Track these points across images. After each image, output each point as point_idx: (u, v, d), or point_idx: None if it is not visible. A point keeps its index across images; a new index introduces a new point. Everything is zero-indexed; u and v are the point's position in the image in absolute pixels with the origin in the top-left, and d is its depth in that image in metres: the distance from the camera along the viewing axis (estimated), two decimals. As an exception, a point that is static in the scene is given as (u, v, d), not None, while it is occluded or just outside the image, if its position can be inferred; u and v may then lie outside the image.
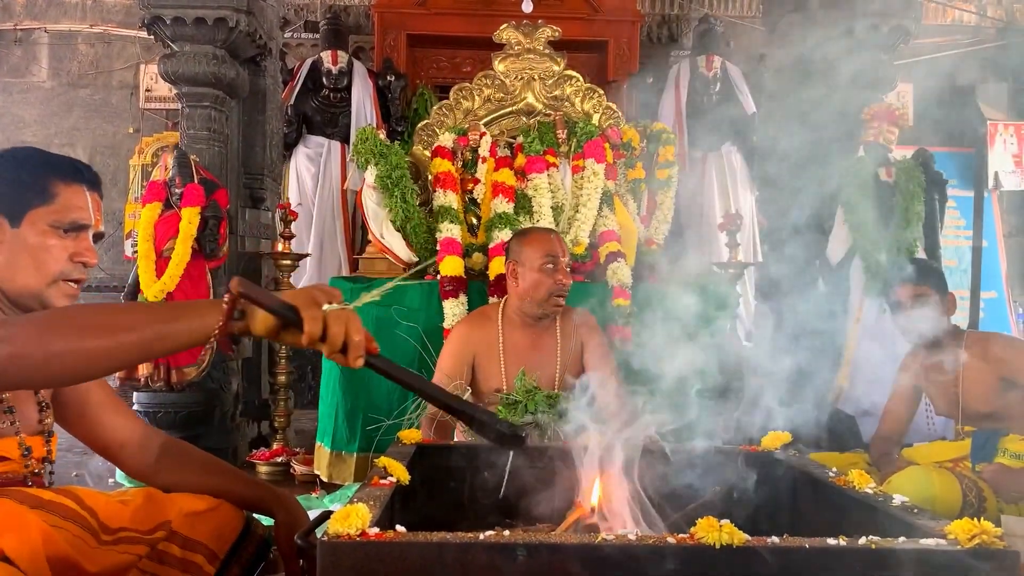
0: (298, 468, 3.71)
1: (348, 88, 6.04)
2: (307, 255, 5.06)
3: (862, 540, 1.16)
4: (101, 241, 1.57)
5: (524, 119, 4.03)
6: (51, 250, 1.44)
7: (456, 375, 2.67)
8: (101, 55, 7.31)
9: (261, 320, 1.22)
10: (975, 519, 1.18)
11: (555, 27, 4.08)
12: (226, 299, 1.21)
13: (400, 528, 1.21)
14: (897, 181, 4.09)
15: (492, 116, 4.03)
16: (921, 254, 4.04)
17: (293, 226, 4.10)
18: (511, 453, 1.74)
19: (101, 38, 7.31)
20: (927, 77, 6.97)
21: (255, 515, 1.68)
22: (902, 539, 1.19)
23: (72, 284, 1.48)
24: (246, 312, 1.23)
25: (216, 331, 1.20)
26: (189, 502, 1.56)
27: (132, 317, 1.21)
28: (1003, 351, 2.77)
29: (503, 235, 3.49)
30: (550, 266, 2.66)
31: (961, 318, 5.95)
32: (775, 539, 1.16)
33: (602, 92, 4.10)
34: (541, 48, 4.03)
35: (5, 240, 1.42)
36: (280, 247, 4.02)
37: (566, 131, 3.89)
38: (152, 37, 4.51)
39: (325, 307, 1.22)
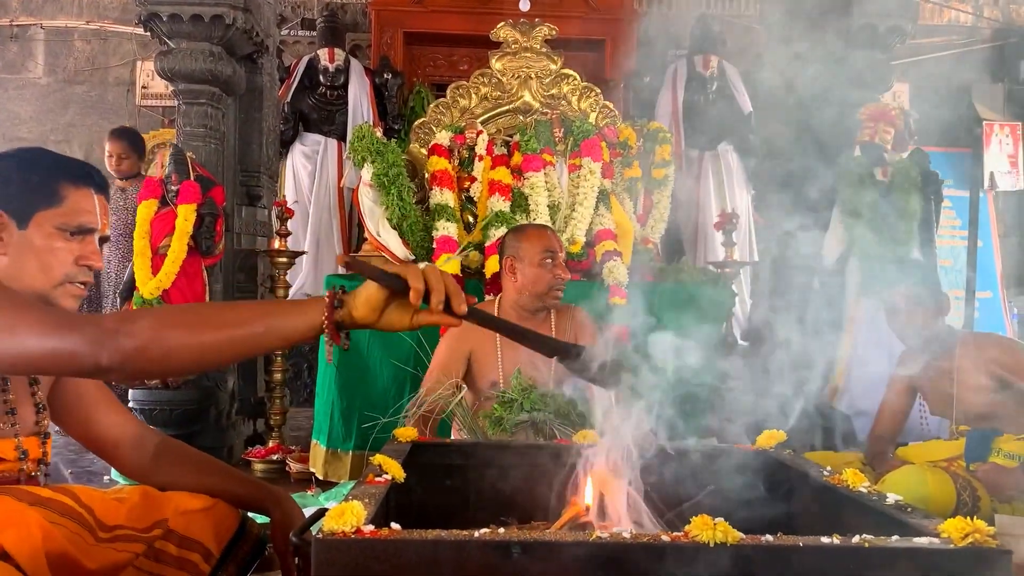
0: (294, 466, 3.71)
1: (345, 86, 6.03)
2: (303, 253, 5.06)
3: (855, 539, 1.17)
4: (105, 243, 1.57)
5: (521, 117, 4.03)
6: (57, 253, 1.43)
7: (451, 371, 2.68)
8: (97, 52, 7.29)
9: (363, 302, 1.28)
10: (969, 518, 1.19)
11: (552, 25, 4.08)
12: (327, 295, 1.28)
13: (395, 526, 1.21)
14: (893, 181, 4.09)
15: (489, 114, 4.03)
16: (916, 254, 4.05)
17: (289, 224, 4.09)
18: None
19: (97, 34, 7.28)
20: (923, 77, 6.99)
21: (251, 514, 1.68)
22: (895, 538, 1.19)
23: (78, 286, 1.47)
24: (344, 301, 1.29)
25: (324, 322, 1.26)
26: (185, 500, 1.56)
27: (243, 313, 1.29)
28: (997, 351, 2.78)
29: (499, 233, 3.50)
30: (549, 261, 2.70)
31: (956, 318, 5.97)
32: (769, 537, 1.17)
33: (599, 91, 4.11)
34: (538, 47, 4.03)
35: (12, 242, 1.41)
36: (276, 245, 4.02)
37: (563, 130, 3.90)
38: (148, 34, 4.50)
39: (420, 265, 1.28)
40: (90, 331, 1.21)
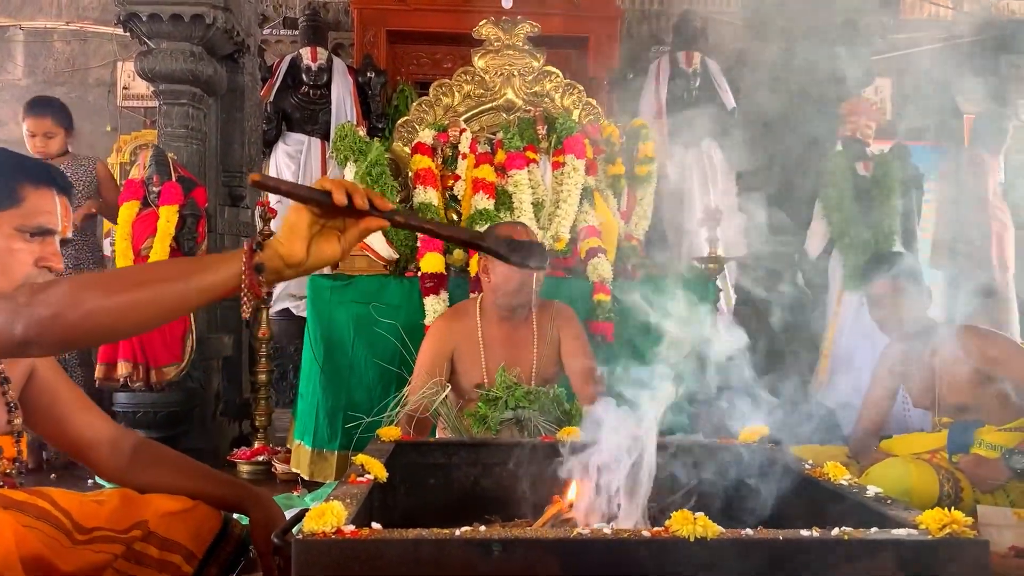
0: (279, 467, 3.69)
1: (328, 85, 6.00)
2: (287, 253, 5.03)
3: (835, 531, 1.17)
4: (68, 245, 1.56)
5: (504, 115, 4.03)
6: (16, 254, 1.42)
7: (436, 370, 2.67)
8: (77, 53, 7.23)
9: (288, 232, 1.22)
10: (948, 509, 1.20)
11: (535, 23, 4.08)
12: (244, 245, 1.23)
13: (376, 526, 1.21)
14: (875, 175, 4.12)
15: (472, 112, 4.02)
16: (899, 247, 4.08)
17: (272, 224, 4.07)
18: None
19: (77, 35, 7.22)
20: (905, 72, 7.03)
21: (233, 515, 1.67)
22: (874, 530, 1.20)
23: None
24: (267, 244, 1.22)
25: (244, 272, 1.19)
26: (166, 503, 1.55)
27: (162, 271, 1.26)
28: (979, 343, 2.80)
29: (498, 227, 3.49)
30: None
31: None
32: (749, 531, 1.17)
33: (582, 88, 4.11)
34: (521, 44, 4.03)
35: None
36: (260, 245, 4.00)
37: (546, 127, 3.90)
38: (129, 34, 4.46)
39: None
40: (3, 306, 1.18)
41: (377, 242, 3.62)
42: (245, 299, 1.20)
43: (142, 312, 1.21)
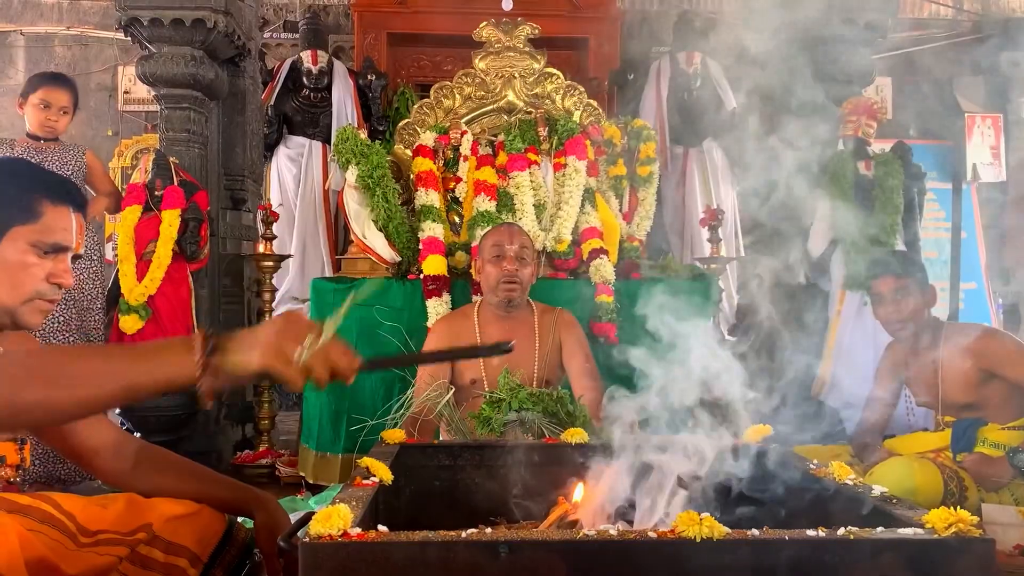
0: (283, 470, 3.70)
1: (328, 88, 6.01)
2: (289, 256, 5.04)
3: (841, 531, 1.18)
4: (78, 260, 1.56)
5: (505, 117, 4.03)
6: (29, 269, 1.42)
7: (437, 369, 2.69)
8: (78, 57, 7.24)
9: (249, 346, 1.20)
10: (953, 508, 1.20)
11: (535, 24, 4.08)
12: (197, 351, 1.18)
13: (382, 528, 1.21)
14: (876, 174, 4.12)
15: (473, 114, 4.02)
16: (901, 246, 4.07)
17: (275, 227, 4.08)
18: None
19: (78, 40, 7.24)
20: (905, 70, 7.04)
21: (238, 518, 1.67)
22: (880, 529, 1.20)
23: (46, 302, 1.46)
24: (218, 346, 1.19)
25: (198, 375, 1.17)
26: (170, 506, 1.55)
27: (105, 366, 1.20)
28: (982, 342, 2.80)
29: (489, 229, 3.50)
30: (497, 255, 2.78)
31: (941, 310, 6.01)
32: (755, 532, 1.17)
33: (583, 89, 4.11)
34: (521, 46, 4.03)
35: None
36: (262, 248, 4.01)
37: (547, 128, 3.90)
38: (129, 39, 4.47)
39: (297, 353, 1.20)
40: None
41: (379, 245, 3.62)
42: (202, 396, 1.18)
43: (82, 409, 1.20)
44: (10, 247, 1.41)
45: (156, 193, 3.96)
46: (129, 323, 3.77)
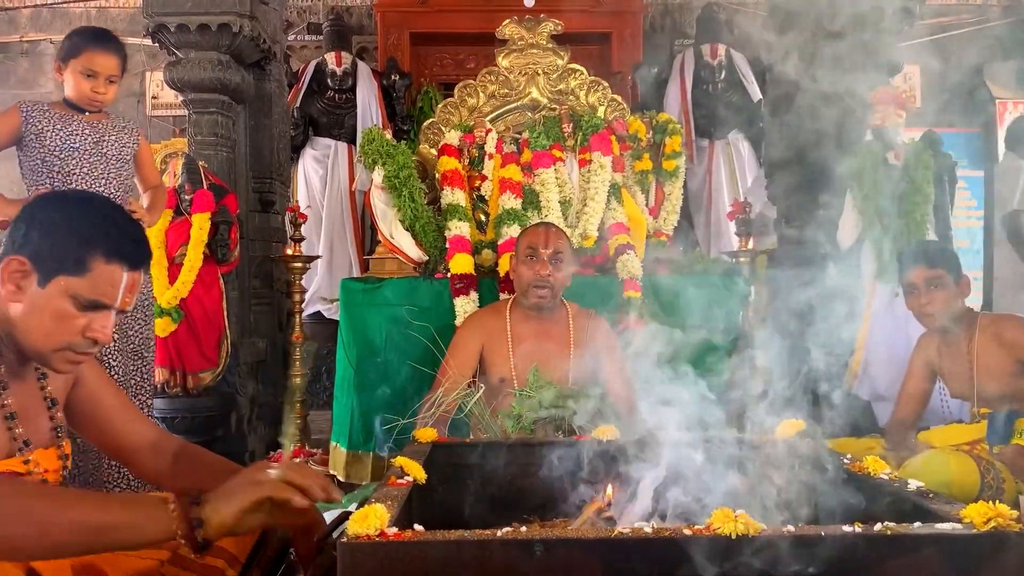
0: (315, 469, 3.73)
1: (353, 89, 6.05)
2: (318, 257, 5.08)
3: (877, 526, 1.17)
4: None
5: (529, 114, 4.03)
6: (66, 320, 1.41)
7: (466, 364, 2.71)
8: (107, 64, 7.33)
9: (223, 505, 1.26)
10: (992, 502, 1.18)
11: (557, 21, 4.07)
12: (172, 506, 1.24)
13: (418, 527, 1.22)
14: (906, 164, 4.06)
15: (497, 112, 4.03)
16: (932, 236, 4.02)
17: (303, 228, 4.11)
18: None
19: (107, 47, 7.33)
20: (934, 58, 6.93)
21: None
22: (917, 524, 1.19)
23: (78, 355, 1.46)
24: (200, 501, 1.26)
25: (178, 530, 1.22)
26: None
27: (79, 517, 1.20)
28: (1018, 333, 2.76)
29: (512, 231, 3.50)
30: (530, 257, 2.77)
31: (975, 299, 5.92)
32: (791, 528, 1.17)
33: (607, 84, 4.10)
34: (544, 42, 4.03)
35: (28, 292, 1.40)
36: (291, 250, 4.04)
37: (572, 125, 3.89)
38: (157, 45, 4.52)
39: (274, 472, 1.30)
40: None
41: (406, 244, 3.65)
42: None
43: (48, 553, 1.23)
44: (53, 294, 1.40)
45: (186, 197, 4.02)
46: (162, 326, 3.82)
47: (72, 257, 1.40)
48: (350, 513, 1.28)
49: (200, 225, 3.94)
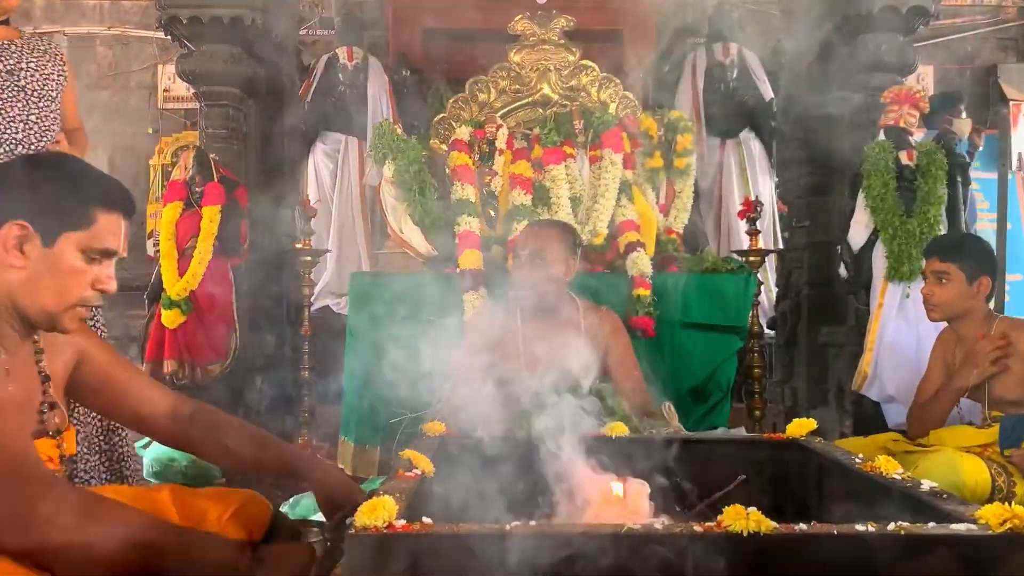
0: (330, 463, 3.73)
1: (364, 84, 6.04)
2: (327, 251, 5.08)
3: (891, 526, 1.16)
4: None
5: (540, 110, 4.02)
6: (77, 275, 1.42)
7: (474, 359, 2.69)
8: (119, 57, 7.36)
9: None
10: (1008, 504, 1.17)
11: (569, 17, 4.06)
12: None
13: (427, 520, 1.22)
14: (919, 164, 4.04)
15: (508, 108, 4.02)
16: (945, 237, 3.99)
17: (313, 222, 4.11)
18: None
19: (119, 40, 7.36)
20: (948, 58, 6.90)
21: (282, 507, 1.70)
22: (931, 525, 1.18)
23: (86, 309, 1.47)
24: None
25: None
26: (215, 508, 1.56)
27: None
28: (1029, 336, 2.73)
29: (521, 227, 3.49)
30: (514, 258, 2.82)
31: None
32: (803, 526, 1.16)
33: (618, 81, 4.09)
34: (556, 38, 4.02)
35: (33, 257, 1.39)
36: (301, 244, 4.04)
37: (583, 121, 3.88)
38: (169, 37, 4.53)
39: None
40: (29, 510, 1.24)
41: (416, 239, 3.64)
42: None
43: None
44: (61, 253, 1.40)
45: (196, 190, 4.03)
46: (171, 317, 3.83)
47: (75, 212, 1.41)
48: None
49: (211, 218, 3.95)
